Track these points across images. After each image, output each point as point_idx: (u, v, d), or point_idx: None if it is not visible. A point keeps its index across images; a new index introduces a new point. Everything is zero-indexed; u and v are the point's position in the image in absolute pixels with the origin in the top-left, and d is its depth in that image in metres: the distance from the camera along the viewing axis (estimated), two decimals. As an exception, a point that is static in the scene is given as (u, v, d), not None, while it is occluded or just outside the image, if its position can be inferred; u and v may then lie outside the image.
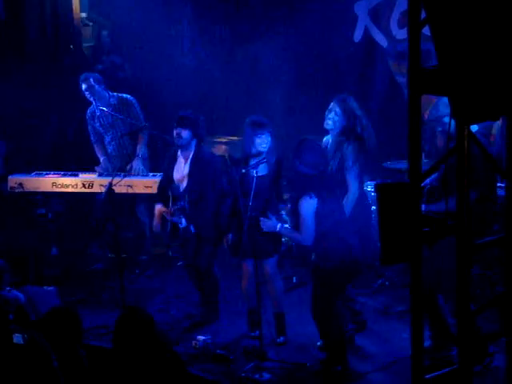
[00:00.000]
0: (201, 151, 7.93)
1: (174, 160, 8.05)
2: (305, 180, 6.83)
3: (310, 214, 6.80)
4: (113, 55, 11.76)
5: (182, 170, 7.98)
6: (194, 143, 7.92)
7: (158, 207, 8.10)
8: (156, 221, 8.14)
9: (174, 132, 7.89)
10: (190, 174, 7.89)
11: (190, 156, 7.93)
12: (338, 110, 7.49)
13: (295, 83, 10.30)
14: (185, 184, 7.93)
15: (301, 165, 6.82)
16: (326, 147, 7.61)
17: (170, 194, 7.96)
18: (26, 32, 11.04)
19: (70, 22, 11.18)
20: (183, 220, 7.83)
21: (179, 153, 8.02)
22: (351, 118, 7.47)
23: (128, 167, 9.26)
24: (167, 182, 8.07)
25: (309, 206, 6.81)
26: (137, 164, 9.26)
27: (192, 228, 7.83)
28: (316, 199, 6.79)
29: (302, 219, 6.84)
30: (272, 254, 7.53)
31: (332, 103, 7.56)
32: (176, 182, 7.98)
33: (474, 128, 6.47)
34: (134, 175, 9.15)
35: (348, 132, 7.49)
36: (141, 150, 9.31)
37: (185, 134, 7.85)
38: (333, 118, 7.53)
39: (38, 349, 5.20)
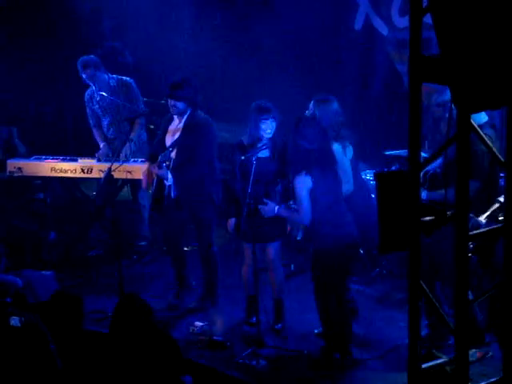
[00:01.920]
0: (196, 115, 7.92)
1: (170, 122, 8.06)
2: (302, 156, 6.80)
3: (303, 191, 6.78)
4: (113, 40, 11.73)
5: (176, 125, 8.00)
6: (189, 110, 7.92)
7: (147, 165, 8.19)
8: (144, 177, 8.13)
9: (169, 103, 7.89)
10: (184, 128, 7.89)
11: (185, 117, 7.94)
12: (317, 112, 7.51)
13: (295, 70, 10.28)
14: (176, 136, 7.92)
15: (300, 139, 6.82)
16: None
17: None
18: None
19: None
20: (169, 176, 7.79)
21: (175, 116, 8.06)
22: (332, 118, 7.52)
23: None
24: (159, 147, 8.03)
25: (302, 183, 6.77)
26: (126, 147, 9.20)
27: (173, 191, 7.78)
28: (309, 176, 6.76)
29: (297, 197, 6.84)
30: (275, 239, 7.53)
31: (311, 103, 7.58)
32: (167, 140, 7.96)
33: (484, 118, 6.46)
34: (134, 161, 9.11)
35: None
36: (134, 134, 9.26)
37: (180, 105, 7.86)
38: None
39: (34, 331, 5.22)
